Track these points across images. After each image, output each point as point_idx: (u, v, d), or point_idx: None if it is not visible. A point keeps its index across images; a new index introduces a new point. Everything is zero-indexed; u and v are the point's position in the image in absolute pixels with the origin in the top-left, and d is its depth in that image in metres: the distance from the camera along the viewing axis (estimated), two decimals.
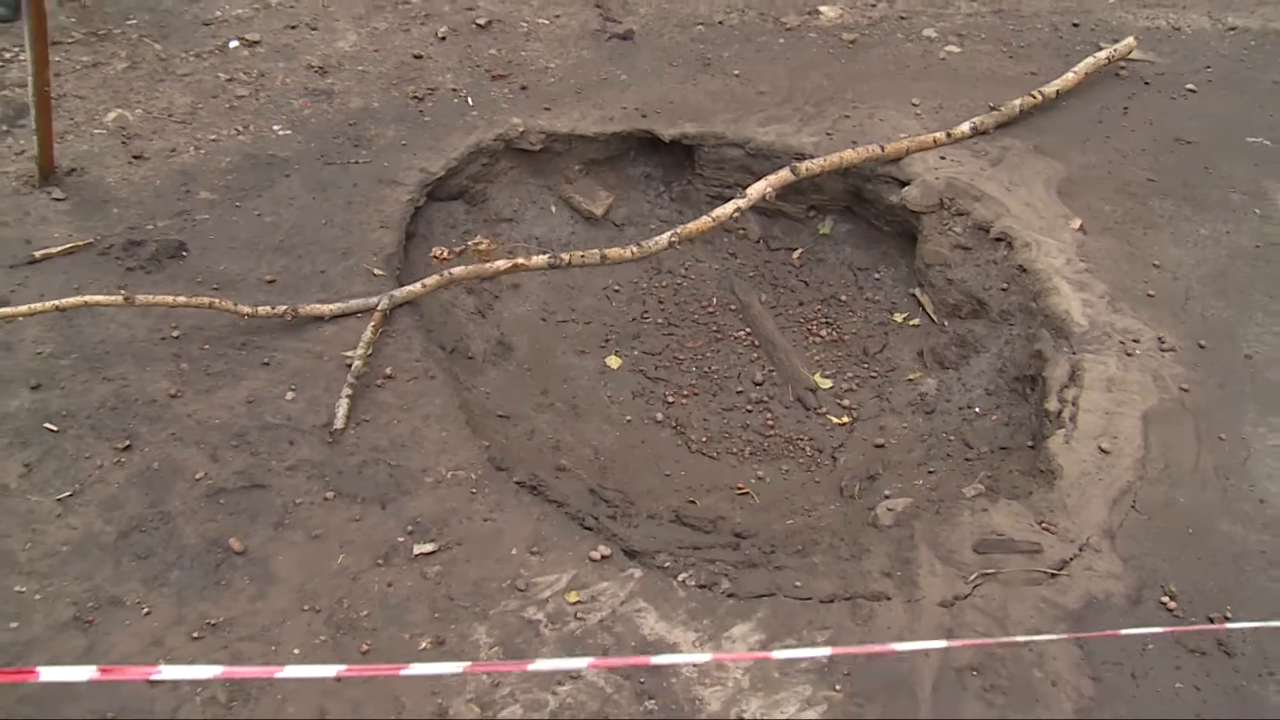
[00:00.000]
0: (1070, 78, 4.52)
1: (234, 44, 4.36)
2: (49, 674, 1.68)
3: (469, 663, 2.20)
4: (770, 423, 3.60)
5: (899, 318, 3.98)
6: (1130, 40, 4.77)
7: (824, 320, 4.01)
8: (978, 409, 3.42)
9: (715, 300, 4.09)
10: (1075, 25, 5.14)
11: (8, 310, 2.84)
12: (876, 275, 4.16)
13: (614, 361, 3.78)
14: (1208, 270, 3.66)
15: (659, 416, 3.56)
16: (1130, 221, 3.85)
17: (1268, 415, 3.12)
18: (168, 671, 1.87)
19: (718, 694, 2.26)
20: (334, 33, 4.56)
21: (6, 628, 2.26)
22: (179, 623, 2.30)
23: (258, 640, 2.28)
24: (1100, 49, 4.73)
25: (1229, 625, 2.48)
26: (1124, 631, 2.36)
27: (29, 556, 2.40)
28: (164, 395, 2.83)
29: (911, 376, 3.72)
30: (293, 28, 4.52)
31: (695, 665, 2.26)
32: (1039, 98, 4.39)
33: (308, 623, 2.32)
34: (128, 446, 2.67)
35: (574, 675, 2.26)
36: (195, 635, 2.28)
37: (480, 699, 2.21)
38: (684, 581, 2.52)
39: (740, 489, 3.27)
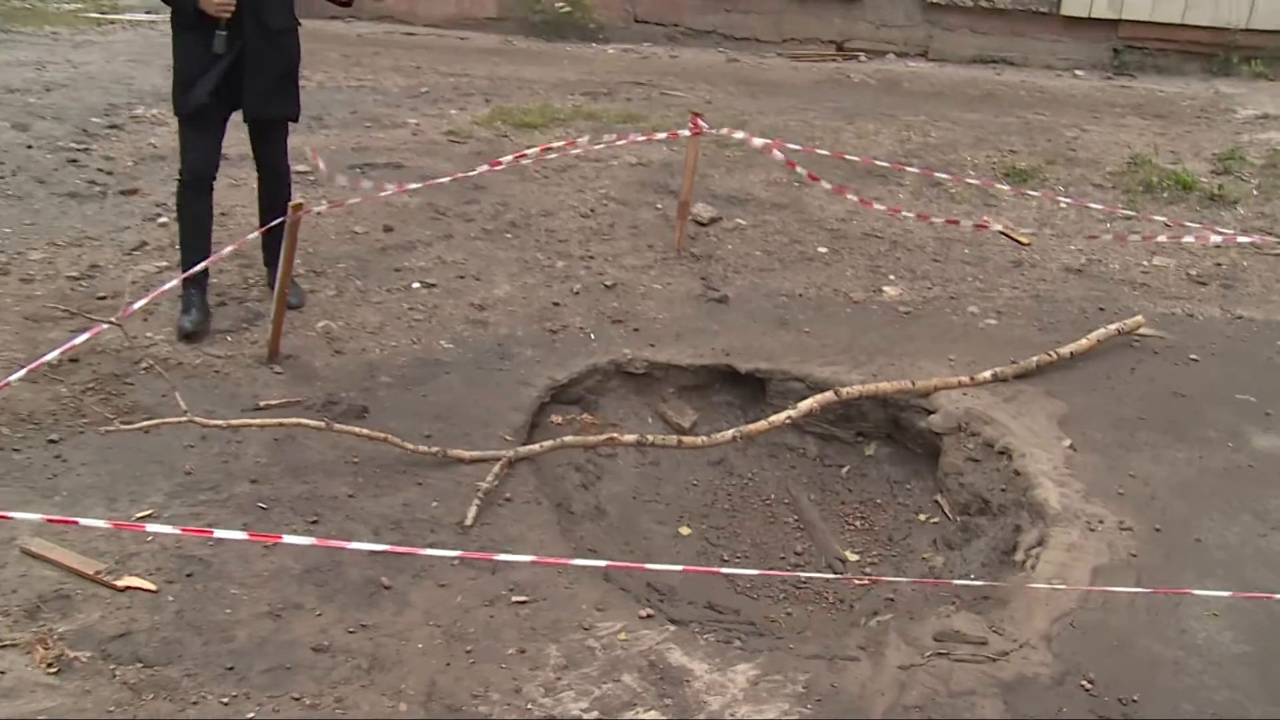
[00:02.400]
0: (1084, 343, 5.49)
1: (416, 285, 5.72)
2: (289, 539, 2.66)
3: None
4: (804, 581, 4.44)
5: (922, 517, 4.83)
6: (1139, 318, 5.75)
7: (860, 516, 4.90)
8: (972, 576, 4.21)
9: (773, 497, 5.02)
10: (1101, 309, 6.15)
11: (244, 421, 4.00)
12: (908, 486, 5.05)
13: (685, 530, 4.72)
14: (1177, 481, 4.46)
15: (714, 567, 4.45)
16: (1116, 445, 4.70)
17: (1204, 578, 3.85)
18: (355, 545, 2.81)
19: (719, 699, 3.07)
20: (493, 283, 5.89)
21: (223, 612, 3.25)
22: (340, 622, 3.25)
23: (394, 638, 3.21)
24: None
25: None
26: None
27: (241, 576, 3.42)
28: (344, 495, 3.90)
29: (924, 556, 4.54)
30: (462, 277, 5.88)
31: (700, 678, 3.09)
32: (1054, 356, 5.35)
33: (429, 632, 3.25)
34: (315, 521, 3.72)
35: (615, 678, 3.11)
36: (351, 630, 3.23)
37: (546, 685, 3.07)
38: (706, 638, 3.36)
39: (770, 619, 4.10)
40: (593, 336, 5.47)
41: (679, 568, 3.74)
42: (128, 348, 4.66)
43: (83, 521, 2.98)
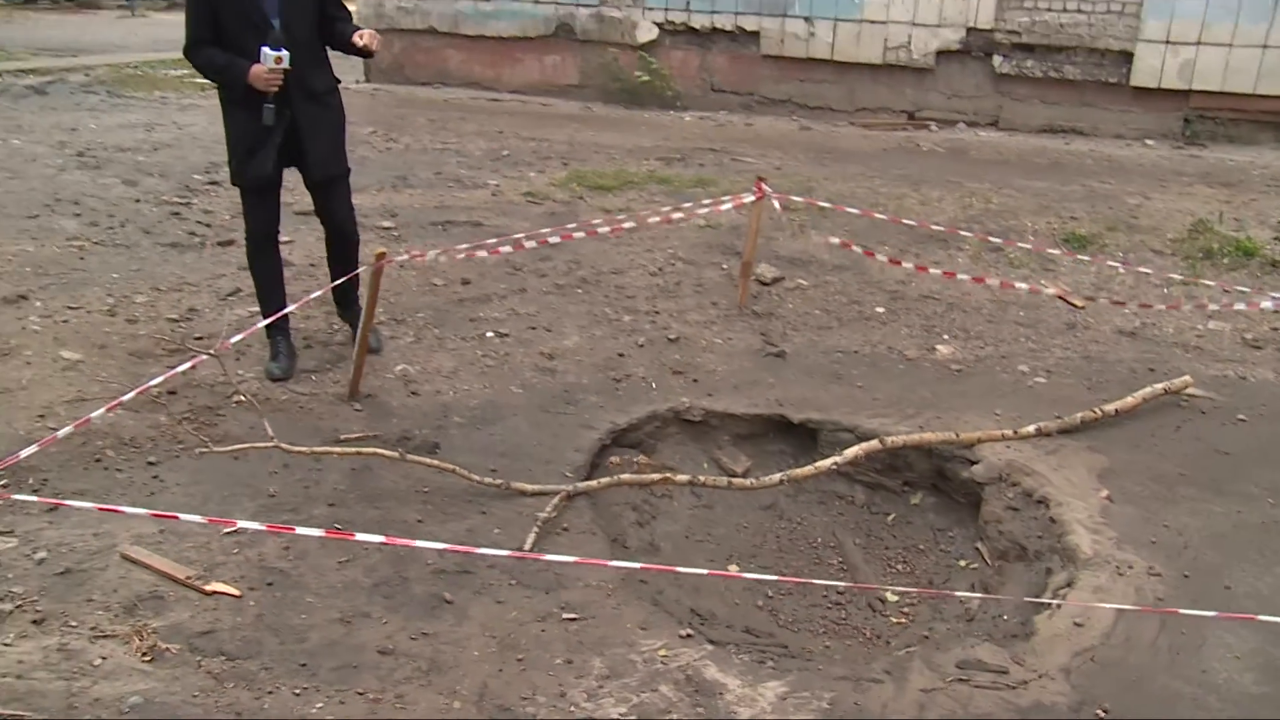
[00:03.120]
0: (1130, 401, 5.64)
1: (490, 334, 6.08)
2: (362, 537, 2.98)
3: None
4: (844, 618, 4.64)
5: (963, 563, 5.00)
6: (1187, 378, 5.88)
7: (902, 560, 5.09)
8: (1005, 615, 4.38)
9: (820, 540, 5.24)
10: (1151, 370, 6.28)
11: (325, 449, 4.35)
12: (951, 534, 5.23)
13: (733, 568, 4.95)
14: (1211, 533, 4.58)
15: (759, 603, 4.68)
16: (1153, 499, 4.84)
17: (1233, 623, 3.98)
18: (420, 544, 3.11)
19: (748, 711, 3.30)
20: (563, 335, 6.24)
21: (299, 617, 3.57)
22: (404, 630, 3.56)
23: (452, 645, 3.50)
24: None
25: None
26: None
27: (315, 587, 3.74)
28: (413, 520, 4.23)
29: (962, 599, 4.71)
30: (533, 328, 6.24)
31: (732, 692, 3.32)
32: (1099, 413, 5.51)
33: (485, 641, 3.53)
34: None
35: (653, 688, 3.36)
36: (413, 637, 3.53)
37: (589, 691, 3.34)
38: (741, 658, 3.60)
39: (807, 650, 4.31)
40: (654, 386, 5.77)
41: (704, 571, 3.99)
42: (221, 381, 5.08)
43: (182, 517, 3.34)
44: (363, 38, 5.11)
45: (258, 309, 5.98)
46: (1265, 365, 6.46)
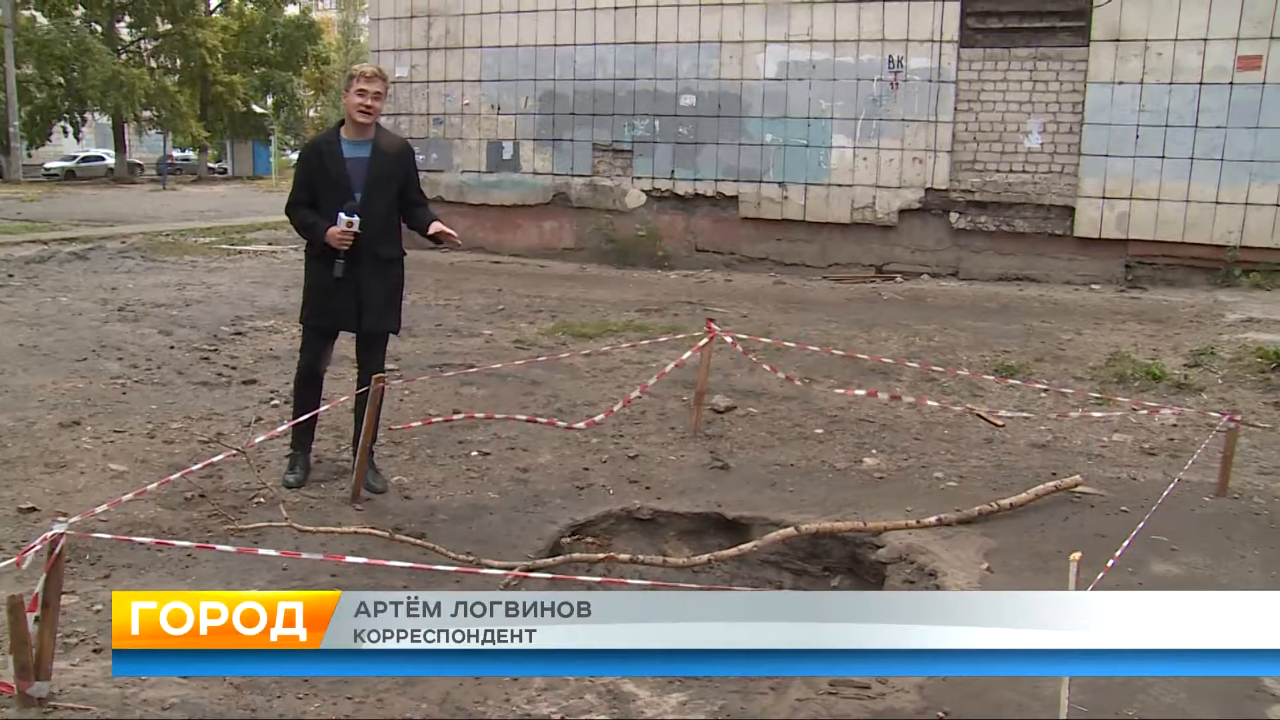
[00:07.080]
0: (1024, 496, 6.54)
1: (474, 454, 7.09)
2: (350, 559, 3.91)
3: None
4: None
5: None
6: (1077, 477, 6.80)
7: None
8: None
9: None
10: (1054, 474, 7.19)
11: (329, 529, 5.31)
12: None
13: None
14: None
15: None
16: (1028, 569, 5.71)
17: None
18: (394, 563, 4.03)
19: (654, 712, 4.17)
20: (537, 453, 7.23)
21: None
22: None
23: None
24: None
25: None
26: None
27: None
28: (399, 586, 5.14)
29: None
30: (512, 449, 7.24)
31: (642, 699, 4.20)
32: (995, 506, 6.42)
33: None
34: None
35: (579, 697, 4.24)
36: None
37: (529, 698, 4.21)
38: (655, 678, 4.49)
39: None
40: (611, 492, 6.72)
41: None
42: (245, 487, 6.07)
43: (304, 555, 4.26)
44: (436, 230, 6.14)
45: (277, 434, 7.02)
46: (1155, 469, 7.37)
